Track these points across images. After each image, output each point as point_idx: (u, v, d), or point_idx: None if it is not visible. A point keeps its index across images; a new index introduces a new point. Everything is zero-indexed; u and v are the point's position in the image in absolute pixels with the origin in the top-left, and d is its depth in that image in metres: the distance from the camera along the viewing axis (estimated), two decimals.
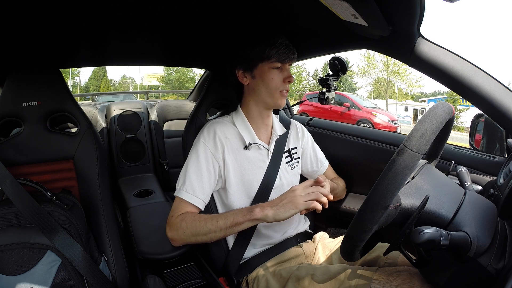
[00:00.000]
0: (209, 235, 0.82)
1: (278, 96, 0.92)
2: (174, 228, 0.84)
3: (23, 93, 0.91)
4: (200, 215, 0.85)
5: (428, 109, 0.55)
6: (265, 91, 0.92)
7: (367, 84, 26.16)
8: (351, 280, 0.72)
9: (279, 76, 0.91)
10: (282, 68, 0.91)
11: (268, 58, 0.89)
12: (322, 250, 0.98)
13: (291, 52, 0.90)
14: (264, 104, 0.95)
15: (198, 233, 0.82)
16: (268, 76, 0.90)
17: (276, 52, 0.88)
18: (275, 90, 0.91)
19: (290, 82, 0.93)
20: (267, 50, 0.88)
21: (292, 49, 0.91)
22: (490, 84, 0.66)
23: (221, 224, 0.80)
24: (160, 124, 2.23)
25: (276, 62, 0.89)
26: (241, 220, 0.80)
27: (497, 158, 0.94)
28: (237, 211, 0.83)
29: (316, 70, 30.47)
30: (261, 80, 0.91)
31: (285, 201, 0.77)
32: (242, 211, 0.81)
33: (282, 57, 0.89)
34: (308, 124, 1.60)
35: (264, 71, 0.91)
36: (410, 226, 0.55)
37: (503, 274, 0.50)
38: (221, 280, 0.96)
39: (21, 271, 0.72)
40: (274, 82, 0.90)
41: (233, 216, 0.81)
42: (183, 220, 0.83)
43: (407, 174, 0.49)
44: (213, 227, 0.81)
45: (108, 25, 0.89)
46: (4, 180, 0.77)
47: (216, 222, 0.81)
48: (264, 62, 0.90)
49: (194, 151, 0.91)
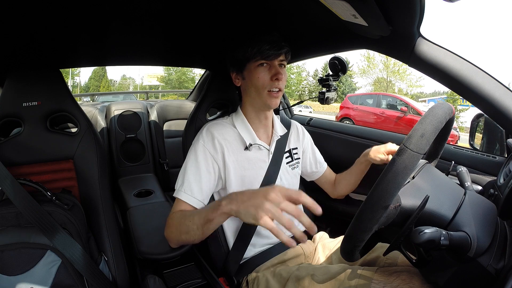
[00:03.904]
0: (190, 233, 0.75)
1: (266, 96, 0.89)
2: (167, 226, 0.83)
3: (23, 93, 0.91)
4: (184, 212, 0.80)
5: (428, 109, 0.55)
6: (254, 91, 0.90)
7: (367, 84, 26.25)
8: (351, 280, 0.72)
9: (266, 74, 0.88)
10: (270, 65, 0.88)
11: (253, 57, 0.87)
12: (322, 250, 0.98)
13: (276, 48, 0.86)
14: (256, 105, 0.94)
15: (181, 231, 0.78)
16: (255, 75, 0.88)
17: (258, 50, 0.85)
18: (262, 89, 0.88)
19: (278, 80, 0.88)
20: (249, 49, 0.86)
21: (278, 44, 0.86)
22: (490, 84, 0.66)
23: (197, 221, 0.73)
24: (160, 124, 2.23)
25: (260, 60, 0.87)
26: (211, 215, 0.69)
27: (497, 158, 0.94)
28: (209, 204, 0.74)
29: (316, 70, 30.50)
30: (250, 81, 0.90)
31: (252, 202, 0.60)
32: (212, 204, 0.71)
33: (265, 54, 0.86)
34: (308, 124, 1.60)
35: (251, 71, 0.89)
36: (410, 226, 0.55)
37: (503, 274, 0.50)
38: (221, 280, 0.96)
39: (21, 271, 0.72)
40: (260, 81, 0.88)
41: (205, 211, 0.72)
42: (173, 219, 0.82)
43: (407, 174, 0.49)
44: (191, 224, 0.75)
45: (108, 25, 0.89)
46: (4, 180, 0.77)
47: (193, 218, 0.74)
48: (250, 62, 0.88)
49: (192, 152, 0.90)
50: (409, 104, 8.25)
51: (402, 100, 8.69)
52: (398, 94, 11.77)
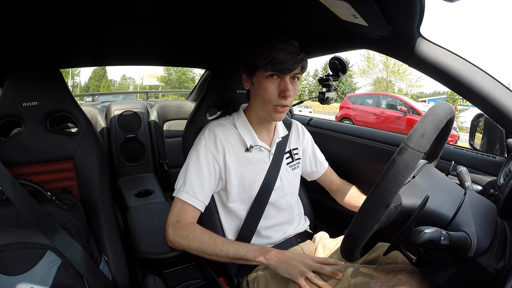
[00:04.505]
0: (213, 257, 0.80)
1: (271, 110, 0.85)
2: (179, 236, 0.81)
3: (23, 93, 0.91)
4: (210, 233, 0.82)
5: (429, 108, 0.56)
6: (260, 101, 0.86)
7: (367, 84, 26.24)
8: (352, 279, 0.72)
9: (275, 88, 0.82)
10: (281, 79, 0.82)
11: (264, 66, 0.80)
12: (322, 250, 0.98)
13: (290, 62, 0.78)
14: (261, 113, 0.90)
15: (203, 251, 0.80)
16: (263, 86, 0.83)
17: (270, 61, 0.78)
18: (268, 103, 0.84)
19: (285, 98, 0.82)
20: (261, 58, 0.80)
21: (293, 58, 0.79)
22: (490, 84, 0.66)
23: (230, 254, 0.79)
24: (160, 124, 2.23)
25: (271, 71, 0.81)
26: (251, 258, 0.80)
27: (497, 158, 0.93)
28: (250, 247, 0.81)
29: (316, 70, 30.51)
30: (257, 89, 0.85)
31: (291, 263, 0.77)
32: (254, 251, 0.80)
33: (277, 67, 0.79)
34: (308, 124, 1.60)
35: (260, 80, 0.83)
36: (410, 226, 0.55)
37: (503, 274, 0.50)
38: (221, 280, 0.96)
39: (21, 271, 0.72)
40: (268, 94, 0.82)
41: (245, 251, 0.80)
42: (191, 232, 0.81)
43: (408, 172, 0.49)
44: (221, 253, 0.79)
45: (108, 25, 0.89)
46: (4, 180, 0.77)
47: (226, 250, 0.79)
48: (260, 71, 0.82)
49: (194, 152, 0.90)
50: (408, 104, 8.25)
51: (402, 100, 8.68)
52: (398, 94, 11.75)
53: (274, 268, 0.78)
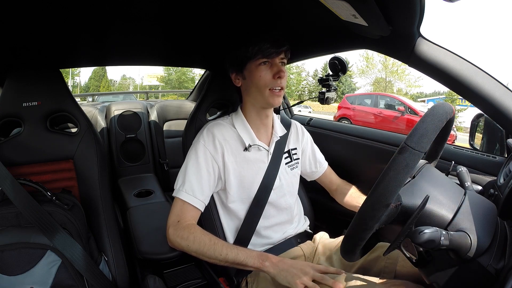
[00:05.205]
0: (212, 260, 0.80)
1: (268, 95, 0.88)
2: (180, 236, 0.81)
3: (23, 93, 0.91)
4: (210, 236, 0.82)
5: (429, 108, 0.56)
6: (256, 90, 0.90)
7: (366, 84, 26.19)
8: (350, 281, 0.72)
9: (268, 72, 0.88)
10: (271, 63, 0.88)
11: (254, 56, 0.87)
12: (322, 250, 0.98)
13: (277, 45, 0.86)
14: (258, 104, 0.93)
15: (203, 253, 0.80)
16: (256, 74, 0.88)
17: (259, 49, 0.85)
18: (264, 88, 0.88)
19: (280, 78, 0.88)
20: (249, 49, 0.86)
21: (278, 42, 0.86)
22: (490, 84, 0.66)
23: (229, 258, 0.78)
24: (160, 124, 2.23)
25: (261, 58, 0.87)
26: (250, 264, 0.78)
27: (497, 158, 0.94)
28: (249, 253, 0.80)
29: (316, 70, 30.49)
30: (251, 80, 0.90)
31: (291, 271, 0.74)
32: (254, 257, 0.78)
33: (266, 52, 0.86)
34: (308, 124, 1.60)
35: (252, 70, 0.89)
36: (410, 226, 0.55)
37: (503, 274, 0.50)
38: (221, 280, 0.96)
39: (21, 271, 0.72)
40: (262, 80, 0.87)
41: (244, 257, 0.78)
42: (191, 233, 0.81)
43: (409, 172, 0.49)
44: (220, 257, 0.78)
45: (108, 25, 0.89)
46: (4, 180, 0.77)
47: (226, 254, 0.78)
48: (251, 61, 0.88)
49: (193, 152, 0.90)
50: (406, 104, 8.30)
51: (400, 100, 8.70)
52: (396, 94, 11.75)
53: (273, 276, 0.75)
